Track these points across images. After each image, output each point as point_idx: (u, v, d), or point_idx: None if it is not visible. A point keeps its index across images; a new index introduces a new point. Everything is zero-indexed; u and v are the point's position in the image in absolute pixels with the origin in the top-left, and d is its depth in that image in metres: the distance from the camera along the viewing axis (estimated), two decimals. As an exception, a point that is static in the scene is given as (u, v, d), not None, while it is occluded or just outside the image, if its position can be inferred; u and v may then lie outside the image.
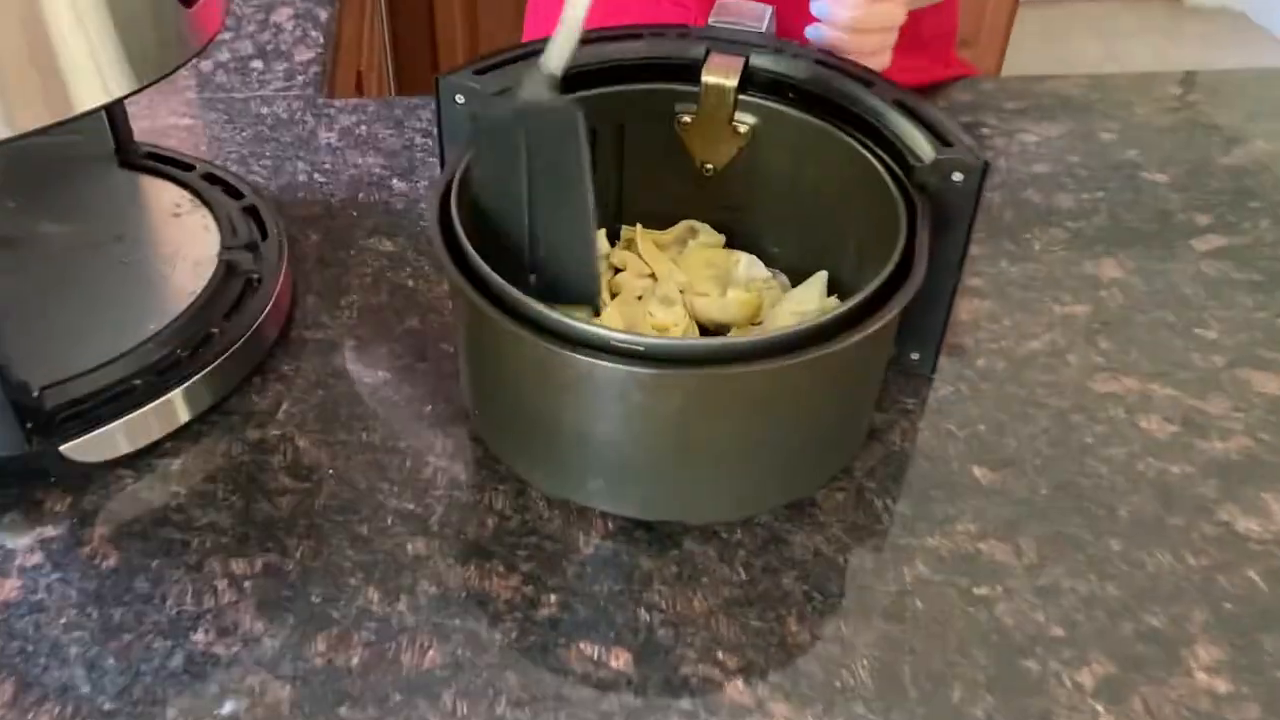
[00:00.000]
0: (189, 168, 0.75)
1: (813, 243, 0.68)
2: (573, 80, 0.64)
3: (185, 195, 0.72)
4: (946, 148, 0.58)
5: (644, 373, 0.49)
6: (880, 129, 0.61)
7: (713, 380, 0.50)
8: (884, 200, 0.59)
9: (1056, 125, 0.92)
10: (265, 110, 0.90)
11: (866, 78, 0.63)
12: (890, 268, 0.54)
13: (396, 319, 0.70)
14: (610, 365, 0.49)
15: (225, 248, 0.67)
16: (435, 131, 0.66)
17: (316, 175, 0.82)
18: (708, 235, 0.71)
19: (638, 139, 0.68)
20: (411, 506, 0.58)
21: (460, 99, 0.63)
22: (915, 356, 0.66)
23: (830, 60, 0.65)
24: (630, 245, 0.71)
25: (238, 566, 0.55)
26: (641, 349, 0.49)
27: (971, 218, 0.59)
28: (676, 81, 0.66)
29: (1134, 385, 0.67)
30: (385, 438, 0.61)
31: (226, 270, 0.66)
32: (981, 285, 0.75)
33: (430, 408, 0.63)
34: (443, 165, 0.65)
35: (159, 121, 0.88)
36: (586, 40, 0.57)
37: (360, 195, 0.80)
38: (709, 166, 0.69)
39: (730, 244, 0.71)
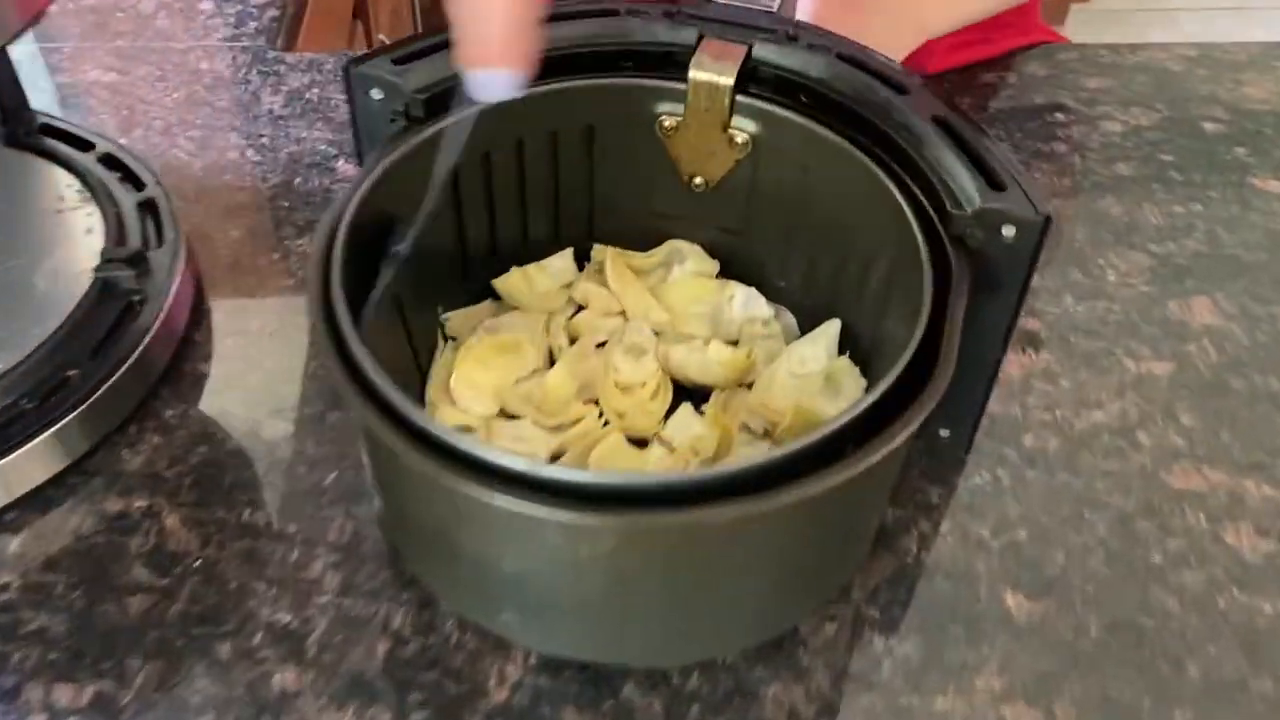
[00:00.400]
0: (87, 146, 0.63)
1: (825, 280, 0.54)
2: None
3: (74, 184, 0.60)
4: (996, 191, 0.43)
5: (557, 520, 0.36)
6: (912, 155, 0.46)
7: (651, 528, 0.37)
8: (911, 253, 0.45)
9: (1149, 112, 0.75)
10: (205, 65, 0.77)
11: (901, 82, 0.48)
12: (903, 363, 0.40)
13: (313, 350, 0.58)
14: (511, 504, 0.36)
15: (104, 260, 0.55)
16: (352, 130, 0.53)
17: (250, 152, 0.69)
18: (698, 261, 0.57)
19: (611, 143, 0.54)
20: (288, 619, 0.46)
21: (378, 94, 0.50)
22: (945, 433, 0.52)
23: (858, 54, 0.50)
24: (600, 270, 0.57)
25: (63, 695, 0.44)
26: (548, 482, 0.36)
27: (1024, 284, 0.45)
28: (659, 75, 0.52)
29: (1222, 480, 0.53)
30: (272, 518, 0.50)
31: (101, 290, 0.54)
32: (1039, 330, 0.60)
33: (334, 475, 0.51)
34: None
35: (81, 76, 0.75)
36: (548, 18, 0.43)
37: (297, 180, 0.68)
38: (699, 181, 0.55)
39: (726, 272, 0.58)
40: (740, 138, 0.52)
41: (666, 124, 0.53)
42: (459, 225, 0.54)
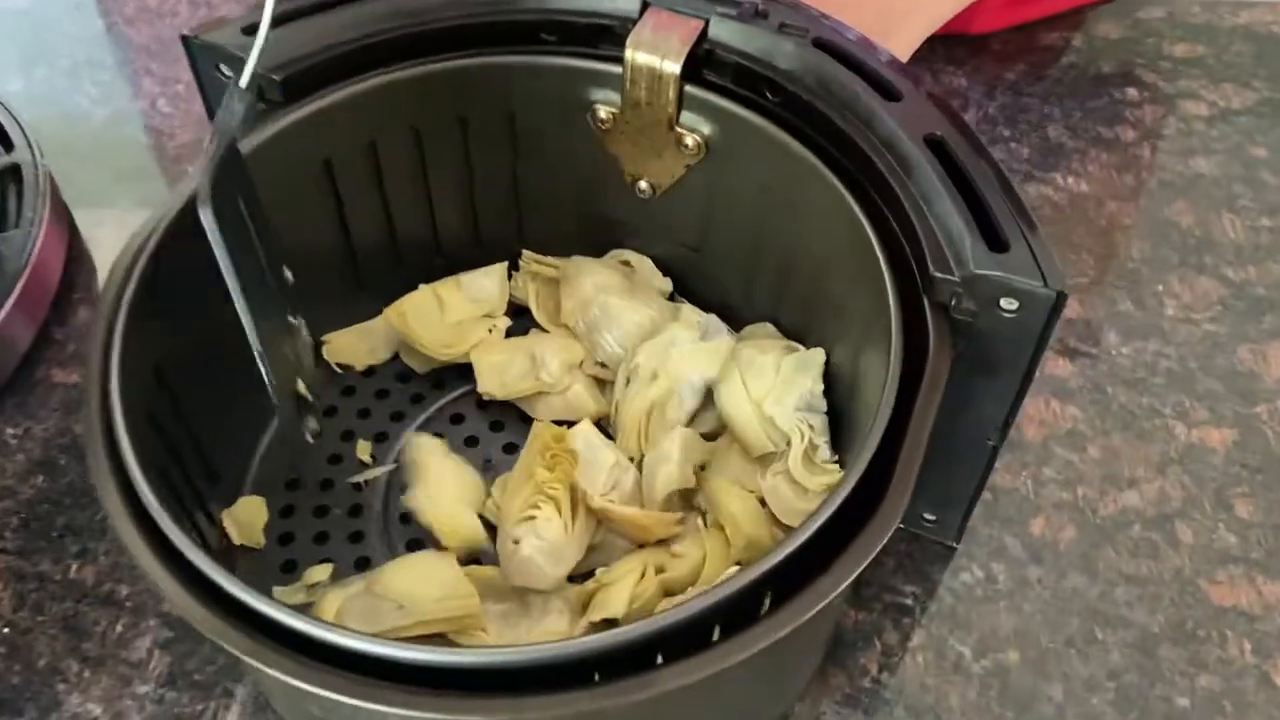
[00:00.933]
0: (-42, 95, 0.54)
1: (799, 308, 0.43)
2: (426, 42, 0.40)
3: (-70, 143, 0.51)
4: (997, 251, 0.32)
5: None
6: (894, 187, 0.35)
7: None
8: (882, 319, 0.34)
9: (1244, 91, 0.62)
10: (131, -9, 0.67)
11: (891, 84, 0.36)
12: (849, 487, 0.30)
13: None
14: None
15: (-62, 245, 0.46)
16: (208, 116, 0.44)
17: (160, 101, 0.60)
18: (648, 276, 0.47)
19: (538, 132, 0.43)
20: (97, 712, 0.39)
21: (226, 72, 0.40)
22: (929, 517, 0.42)
23: (839, 42, 0.38)
24: (534, 279, 0.47)
25: None
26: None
27: (1028, 370, 0.34)
28: (590, 54, 0.41)
29: (1276, 597, 0.42)
30: (102, 575, 0.42)
31: (-70, 284, 0.46)
32: (1067, 376, 0.49)
33: (186, 524, 0.43)
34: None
35: (-10, 1, 0.66)
36: None
37: (207, 139, 0.58)
38: (644, 187, 0.44)
39: (682, 290, 0.47)
40: (690, 140, 0.41)
41: (600, 115, 0.42)
42: (342, 229, 0.44)
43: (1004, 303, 0.32)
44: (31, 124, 0.53)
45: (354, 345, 0.46)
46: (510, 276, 0.48)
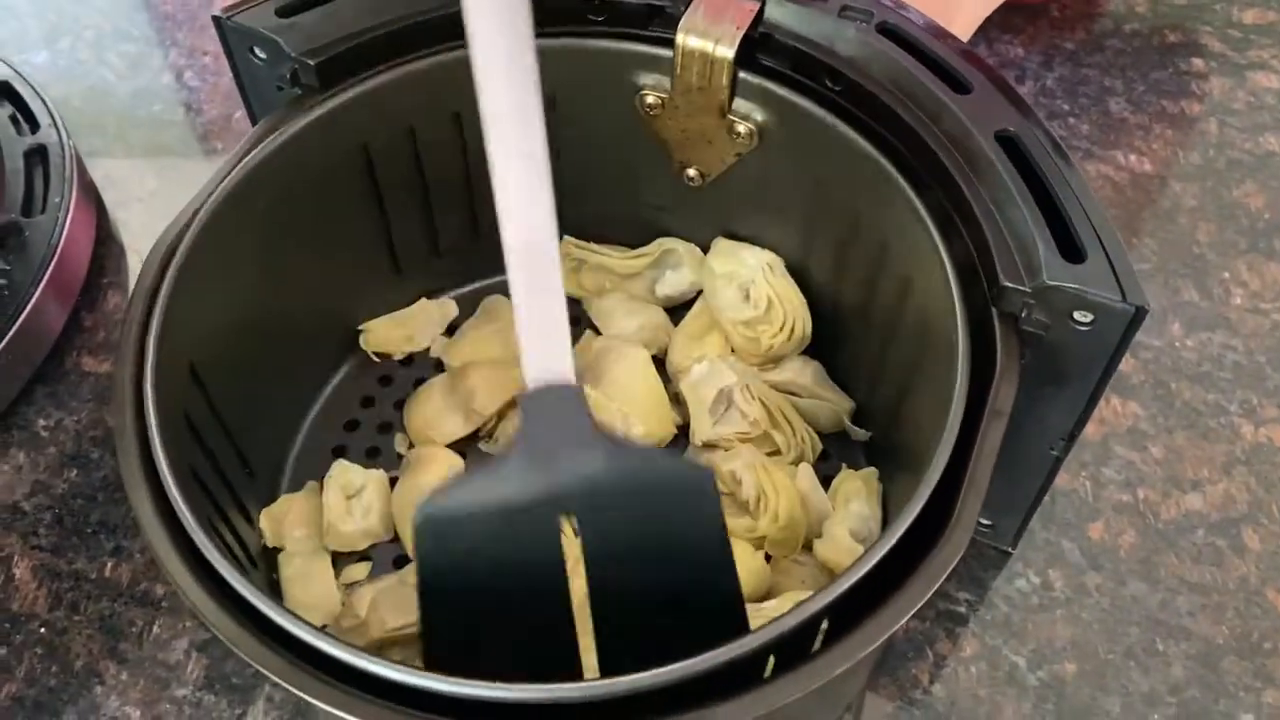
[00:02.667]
0: (-18, 71, 0.53)
1: (850, 311, 0.41)
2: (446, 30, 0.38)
3: (-45, 123, 0.50)
4: (1072, 261, 0.30)
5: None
6: (963, 189, 0.32)
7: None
8: (946, 327, 0.32)
9: (1318, 61, 0.58)
10: (155, -44, 0.65)
11: (960, 75, 0.34)
12: (914, 513, 0.28)
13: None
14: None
15: (-35, 232, 0.45)
16: (242, 99, 0.42)
17: (188, 74, 0.58)
18: (693, 267, 0.45)
19: (578, 116, 0.41)
20: (135, 717, 0.38)
21: (260, 55, 0.38)
22: (985, 522, 0.41)
23: (907, 28, 0.36)
24: (575, 270, 0.46)
25: None
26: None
27: (1100, 383, 0.32)
28: (639, 36, 0.39)
29: (1352, 607, 0.40)
30: (138, 573, 0.41)
31: (-43, 272, 0.45)
32: (1127, 369, 0.47)
33: (221, 521, 0.42)
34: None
35: (12, -33, 0.64)
36: None
37: (237, 114, 0.56)
38: (693, 174, 0.42)
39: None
40: (743, 127, 0.39)
41: (649, 100, 0.40)
42: (381, 215, 0.42)
43: (1078, 315, 0.30)
44: (56, 100, 0.52)
45: (392, 333, 0.45)
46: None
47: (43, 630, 0.40)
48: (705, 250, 0.45)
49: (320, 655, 0.27)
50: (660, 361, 0.44)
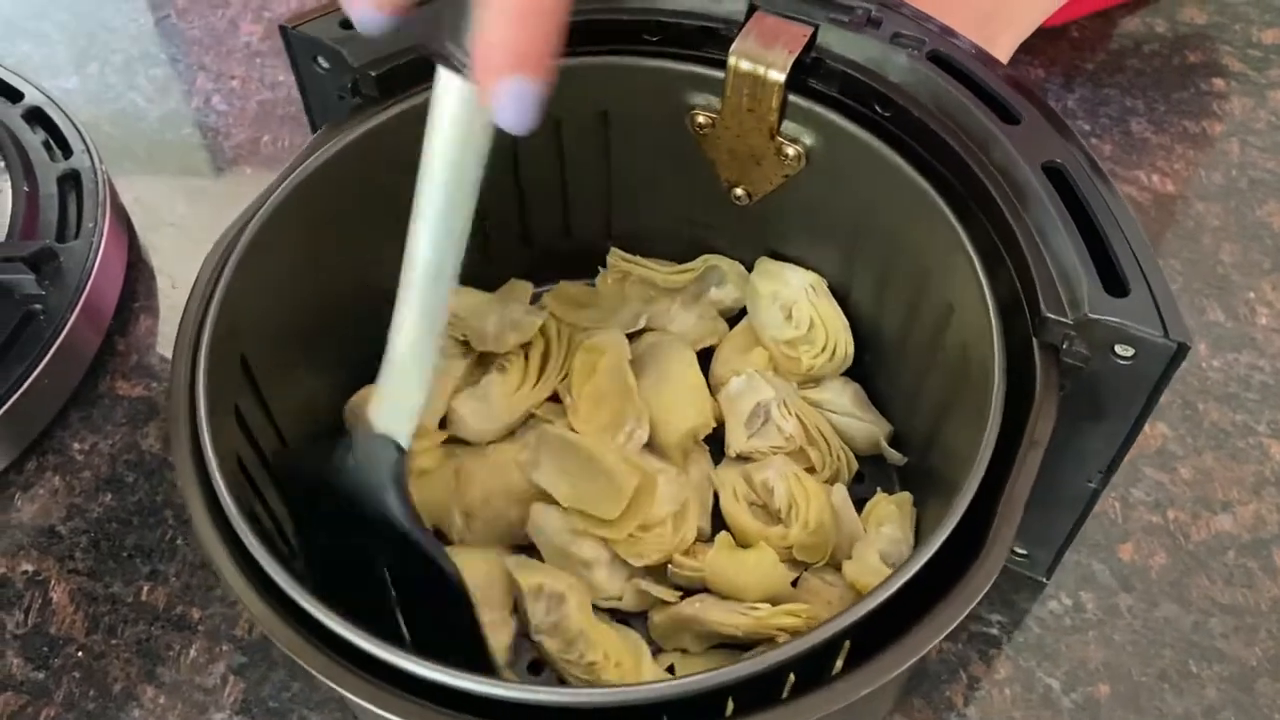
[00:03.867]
0: (16, 97, 0.53)
1: (891, 336, 0.42)
2: None
3: (-10, 149, 0.51)
4: (1115, 295, 0.30)
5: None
6: (1009, 219, 0.33)
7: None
8: (985, 359, 0.32)
9: (1338, 81, 0.59)
10: (181, -18, 0.66)
11: (1008, 104, 0.34)
12: (941, 539, 0.28)
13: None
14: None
15: (2, 258, 0.45)
16: (304, 108, 0.43)
17: (215, 99, 0.59)
18: (737, 283, 0.45)
19: (629, 134, 0.42)
20: (174, 742, 0.38)
21: (324, 64, 0.39)
22: (1021, 551, 0.41)
23: (957, 56, 0.36)
24: (625, 280, 0.46)
25: (-98, 822, 0.37)
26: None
27: (1139, 416, 0.32)
28: (692, 57, 0.40)
29: (1385, 628, 0.40)
30: (174, 597, 0.42)
31: (-5, 296, 0.45)
32: (1157, 390, 0.47)
33: (256, 544, 0.43)
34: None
35: (40, -6, 0.65)
36: None
37: (265, 138, 0.57)
38: (740, 193, 0.42)
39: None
40: (791, 150, 0.39)
41: (699, 119, 0.40)
42: None
43: (1119, 349, 0.30)
44: (86, 124, 0.53)
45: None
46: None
47: (80, 654, 0.40)
48: (749, 269, 0.45)
49: (364, 655, 0.27)
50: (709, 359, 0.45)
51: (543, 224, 0.46)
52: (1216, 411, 0.46)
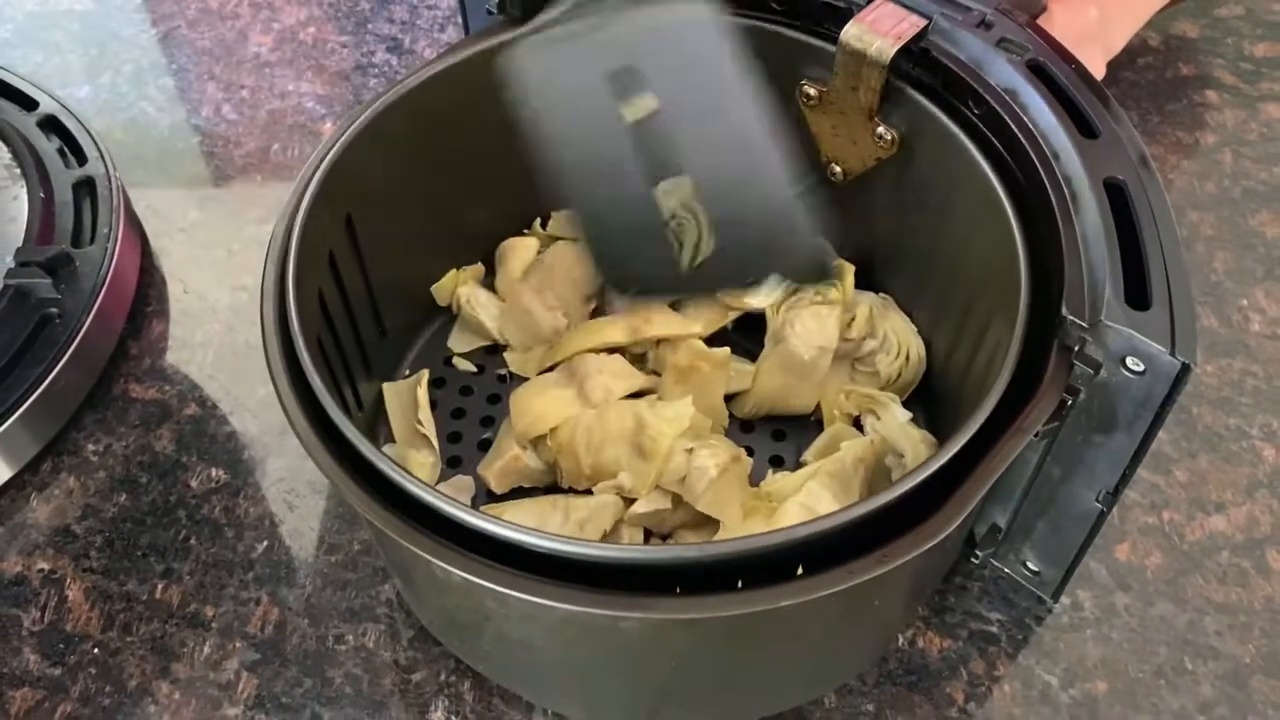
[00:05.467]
0: (31, 105, 0.54)
1: (948, 325, 0.44)
2: None
3: (5, 157, 0.51)
4: (1136, 308, 0.31)
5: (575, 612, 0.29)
6: (1059, 225, 0.34)
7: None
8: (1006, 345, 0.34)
9: (1328, 93, 0.60)
10: (192, -7, 0.67)
11: (1092, 121, 0.35)
12: (907, 481, 0.30)
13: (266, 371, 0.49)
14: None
15: (18, 263, 0.46)
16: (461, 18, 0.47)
17: (226, 108, 0.60)
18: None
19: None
20: (188, 736, 0.39)
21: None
22: (1032, 568, 0.41)
23: (1054, 70, 0.37)
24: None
25: (-80, 815, 0.38)
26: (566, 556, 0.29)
27: (1146, 435, 0.33)
28: (810, 29, 0.41)
29: (1375, 627, 0.41)
30: (188, 595, 0.42)
31: (11, 301, 0.46)
32: (1152, 394, 0.48)
33: (264, 546, 0.43)
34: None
35: (52, 4, 0.66)
36: None
37: (275, 147, 0.58)
38: (836, 170, 0.44)
39: (866, 283, 0.47)
40: (887, 134, 0.41)
41: (809, 92, 0.42)
42: None
43: (1130, 362, 0.31)
44: (99, 133, 0.53)
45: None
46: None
47: (96, 650, 0.41)
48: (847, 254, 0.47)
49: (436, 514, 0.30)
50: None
51: None
52: (1210, 415, 0.47)
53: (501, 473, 0.42)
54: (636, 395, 0.43)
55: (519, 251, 0.47)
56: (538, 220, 0.49)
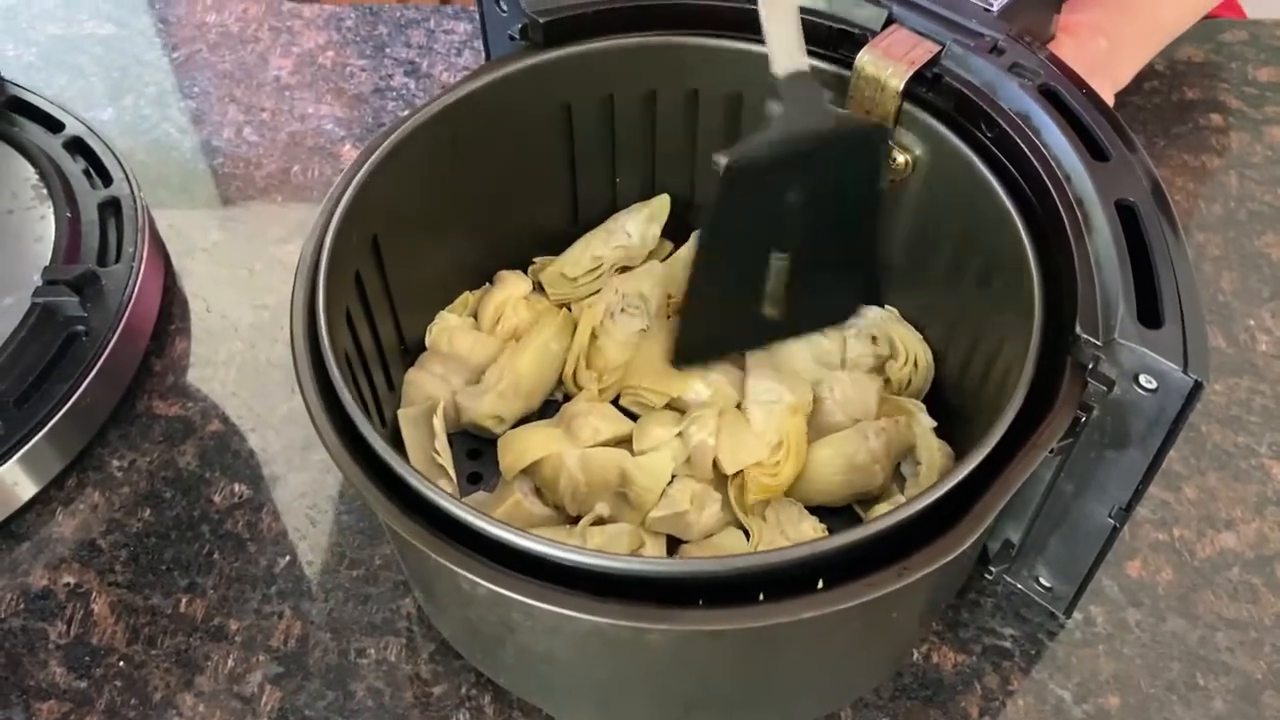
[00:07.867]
0: (57, 127, 0.55)
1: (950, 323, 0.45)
2: (666, 16, 0.43)
3: (32, 178, 0.52)
4: (1150, 326, 0.32)
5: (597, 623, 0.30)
6: (1071, 246, 0.35)
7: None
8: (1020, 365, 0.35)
9: (1331, 117, 0.61)
10: (212, 18, 0.68)
11: (1103, 145, 0.36)
12: (920, 499, 0.30)
13: (287, 389, 0.50)
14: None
15: (45, 281, 0.47)
16: (482, 42, 0.48)
17: (247, 130, 0.61)
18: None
19: (759, 119, 0.44)
20: (213, 748, 0.40)
21: (503, 7, 0.43)
22: (1045, 584, 0.42)
23: (1065, 94, 0.38)
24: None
25: (-51, 826, 0.38)
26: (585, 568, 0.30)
27: (1159, 452, 0.33)
28: (824, 55, 0.42)
29: (1385, 643, 0.42)
30: (212, 609, 0.43)
31: (39, 319, 0.47)
32: (1161, 413, 0.48)
33: (286, 561, 0.44)
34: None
35: (75, 28, 0.67)
36: None
37: (295, 168, 0.59)
38: None
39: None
40: (901, 158, 0.42)
41: None
42: (570, 169, 0.48)
43: (1143, 379, 0.32)
44: (123, 154, 0.54)
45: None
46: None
47: (121, 663, 0.41)
48: None
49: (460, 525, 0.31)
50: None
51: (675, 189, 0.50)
52: (1219, 434, 0.48)
53: (505, 517, 0.43)
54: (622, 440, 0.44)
55: (502, 289, 0.49)
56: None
